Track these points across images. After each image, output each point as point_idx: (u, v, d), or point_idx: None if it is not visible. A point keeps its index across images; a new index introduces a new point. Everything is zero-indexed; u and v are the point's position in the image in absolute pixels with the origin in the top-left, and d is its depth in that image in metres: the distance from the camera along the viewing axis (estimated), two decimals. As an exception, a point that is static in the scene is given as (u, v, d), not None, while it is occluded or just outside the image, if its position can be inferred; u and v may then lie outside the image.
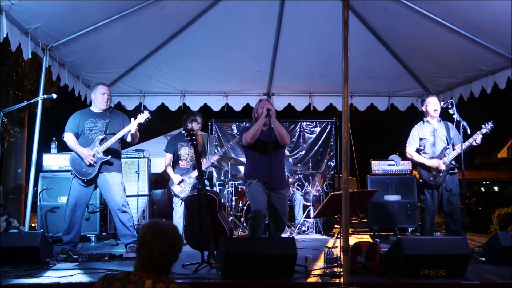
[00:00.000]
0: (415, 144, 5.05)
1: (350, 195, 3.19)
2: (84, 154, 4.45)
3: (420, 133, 5.04)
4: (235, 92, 7.17)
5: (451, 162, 4.83)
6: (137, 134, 4.63)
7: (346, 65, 3.22)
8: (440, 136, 4.96)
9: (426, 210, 4.92)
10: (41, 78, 4.85)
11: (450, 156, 4.83)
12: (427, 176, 4.88)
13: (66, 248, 4.35)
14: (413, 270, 3.34)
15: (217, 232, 4.15)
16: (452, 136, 4.93)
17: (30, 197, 4.62)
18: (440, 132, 4.98)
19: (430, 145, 4.98)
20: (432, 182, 4.84)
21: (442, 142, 4.95)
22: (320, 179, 7.96)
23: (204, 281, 3.29)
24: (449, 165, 4.83)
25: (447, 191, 4.85)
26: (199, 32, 5.63)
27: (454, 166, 4.87)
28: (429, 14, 4.78)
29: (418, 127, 5.09)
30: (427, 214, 4.92)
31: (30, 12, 4.16)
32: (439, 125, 5.02)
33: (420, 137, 5.04)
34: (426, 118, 5.07)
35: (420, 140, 5.04)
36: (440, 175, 4.81)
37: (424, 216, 4.98)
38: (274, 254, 3.33)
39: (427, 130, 5.02)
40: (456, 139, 4.92)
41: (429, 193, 4.89)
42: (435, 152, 4.94)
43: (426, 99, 5.07)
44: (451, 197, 4.84)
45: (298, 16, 5.46)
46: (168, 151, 5.47)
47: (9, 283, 3.13)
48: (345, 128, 3.20)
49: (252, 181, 4.29)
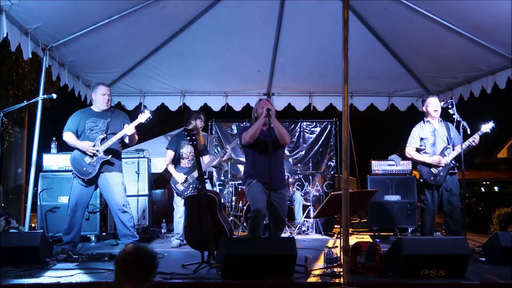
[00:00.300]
0: (415, 144, 5.05)
1: (350, 195, 3.19)
2: (84, 146, 4.45)
3: (420, 133, 5.04)
4: (235, 92, 7.17)
5: (451, 162, 4.83)
6: (134, 137, 4.63)
7: (346, 65, 3.23)
8: (440, 136, 4.96)
9: (426, 210, 4.92)
10: (41, 78, 4.86)
11: (450, 156, 4.83)
12: (427, 175, 4.88)
13: (66, 248, 4.35)
14: (413, 270, 3.34)
15: (217, 232, 4.15)
16: (453, 136, 4.93)
17: (30, 197, 4.62)
18: (441, 132, 4.97)
19: (431, 145, 4.97)
20: (433, 181, 4.84)
21: (442, 142, 4.95)
22: (320, 179, 7.96)
23: (204, 281, 3.29)
24: (449, 164, 4.83)
25: (447, 191, 4.85)
26: (199, 32, 5.64)
27: (454, 165, 4.86)
28: (429, 14, 4.78)
29: (418, 127, 5.09)
30: (427, 214, 4.92)
31: (30, 12, 4.16)
32: (440, 125, 5.02)
33: (421, 137, 5.03)
34: (426, 118, 5.07)
35: (420, 140, 5.03)
36: (441, 174, 4.81)
37: (424, 216, 4.98)
38: (274, 254, 3.33)
39: (427, 130, 5.02)
40: (456, 139, 4.91)
41: (429, 193, 4.88)
42: (435, 151, 4.93)
43: (426, 100, 5.06)
44: (451, 197, 4.84)
45: (298, 16, 5.47)
46: (170, 148, 5.43)
47: (9, 283, 3.14)
48: (345, 128, 3.20)
49: (252, 181, 4.29)
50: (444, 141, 4.95)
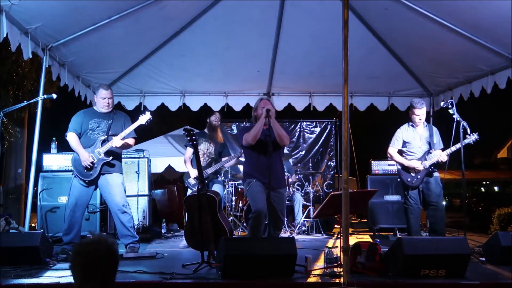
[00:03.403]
0: (398, 146, 5.19)
1: (350, 195, 3.19)
2: (83, 156, 4.45)
3: (404, 135, 5.17)
4: (235, 92, 7.17)
5: (430, 166, 4.96)
6: (126, 146, 4.63)
7: (346, 65, 3.22)
8: (423, 140, 5.09)
9: (408, 209, 5.06)
10: (41, 78, 4.85)
11: (430, 160, 4.95)
12: (404, 177, 5.06)
13: (66, 248, 4.34)
14: (413, 270, 3.34)
15: (217, 232, 4.15)
16: (436, 141, 5.04)
17: (30, 197, 4.62)
18: (423, 136, 5.10)
19: (413, 148, 5.10)
20: (409, 183, 5.02)
21: (424, 145, 5.08)
22: (320, 179, 7.97)
23: (204, 281, 3.29)
24: (428, 169, 4.97)
25: (428, 192, 4.98)
26: (199, 32, 5.63)
27: (433, 171, 4.99)
28: (429, 14, 4.78)
29: (403, 129, 5.20)
30: (410, 213, 5.06)
31: (30, 12, 4.16)
32: (424, 129, 5.14)
33: (403, 139, 5.16)
34: (411, 122, 5.17)
35: (403, 143, 5.15)
36: (418, 177, 4.97)
37: (407, 216, 5.11)
38: (274, 254, 3.33)
39: (411, 133, 5.14)
40: (437, 145, 5.04)
41: (410, 193, 5.01)
42: (416, 155, 5.07)
43: (413, 109, 5.08)
44: (434, 198, 4.96)
45: (298, 16, 5.46)
46: (189, 146, 5.43)
47: (9, 283, 3.14)
48: (345, 128, 3.20)
49: (252, 180, 4.28)
50: (426, 146, 5.07)
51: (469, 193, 10.49)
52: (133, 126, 4.59)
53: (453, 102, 4.77)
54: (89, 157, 4.44)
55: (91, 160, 4.44)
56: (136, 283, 3.19)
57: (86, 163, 4.43)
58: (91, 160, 4.44)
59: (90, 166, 4.44)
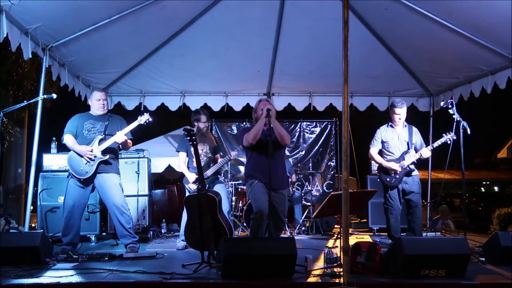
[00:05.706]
0: (377, 146, 5.26)
1: (350, 195, 3.19)
2: (82, 151, 4.44)
3: (383, 135, 5.22)
4: (235, 92, 7.17)
5: (408, 166, 5.01)
6: (126, 144, 4.62)
7: (346, 65, 3.22)
8: (401, 140, 5.14)
9: (389, 209, 5.12)
10: (41, 78, 4.86)
11: (408, 160, 5.01)
12: (384, 177, 5.14)
13: (66, 248, 4.34)
14: (413, 270, 3.34)
15: (217, 232, 4.15)
16: (415, 141, 5.10)
17: (30, 197, 4.63)
18: (402, 137, 5.15)
19: (391, 148, 5.17)
20: (388, 183, 5.09)
21: (403, 146, 5.13)
22: (320, 179, 7.96)
23: (204, 281, 3.29)
24: (406, 168, 5.02)
25: (407, 191, 5.04)
26: (199, 32, 5.64)
27: (411, 170, 5.04)
28: (429, 14, 4.78)
29: (382, 129, 5.27)
30: (389, 213, 5.11)
31: (30, 12, 4.16)
32: (404, 129, 5.17)
33: (382, 139, 5.22)
34: (390, 123, 5.22)
35: (382, 143, 5.22)
36: (396, 177, 5.03)
37: (387, 215, 5.16)
38: (274, 254, 3.32)
39: (390, 133, 5.20)
40: (418, 144, 5.12)
41: (389, 193, 5.07)
42: (394, 155, 5.13)
43: (394, 108, 5.12)
44: (412, 197, 5.03)
45: (298, 16, 5.47)
46: (181, 150, 5.35)
47: (9, 283, 3.13)
48: (345, 128, 3.20)
49: (254, 181, 4.28)
50: (404, 146, 5.13)
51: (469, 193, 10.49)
52: (132, 126, 4.59)
53: (453, 102, 4.77)
54: (87, 149, 4.42)
55: (90, 149, 4.43)
56: (136, 283, 3.19)
57: (88, 155, 4.42)
58: (89, 149, 4.43)
59: (90, 157, 4.42)
